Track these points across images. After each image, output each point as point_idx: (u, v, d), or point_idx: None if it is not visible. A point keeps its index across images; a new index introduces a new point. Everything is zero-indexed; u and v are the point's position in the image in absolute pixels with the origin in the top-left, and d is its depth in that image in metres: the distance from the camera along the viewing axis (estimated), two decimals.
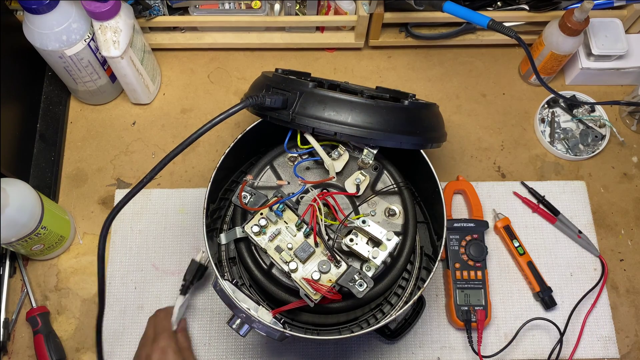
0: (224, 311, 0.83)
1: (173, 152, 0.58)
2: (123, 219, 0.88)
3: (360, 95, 0.68)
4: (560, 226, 0.88)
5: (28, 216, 0.74)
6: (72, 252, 0.86)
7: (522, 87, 0.99)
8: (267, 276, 0.70)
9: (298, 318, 0.75)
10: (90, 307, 0.83)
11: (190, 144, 0.59)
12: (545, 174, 0.93)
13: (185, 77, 0.99)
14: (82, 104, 0.96)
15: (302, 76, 0.81)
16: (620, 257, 0.88)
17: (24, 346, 0.81)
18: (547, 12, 0.92)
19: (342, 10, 0.94)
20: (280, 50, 1.01)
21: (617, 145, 0.95)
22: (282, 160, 0.73)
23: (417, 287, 0.76)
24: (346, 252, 0.67)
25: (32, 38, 0.80)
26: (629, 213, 0.90)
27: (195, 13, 0.93)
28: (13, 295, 0.84)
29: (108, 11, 0.78)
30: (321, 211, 0.65)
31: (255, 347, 0.81)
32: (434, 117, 0.74)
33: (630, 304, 0.85)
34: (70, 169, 0.91)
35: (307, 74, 0.83)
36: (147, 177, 0.58)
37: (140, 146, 0.93)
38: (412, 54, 1.01)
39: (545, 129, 0.95)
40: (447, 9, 0.80)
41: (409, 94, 0.78)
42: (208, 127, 0.60)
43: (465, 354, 0.82)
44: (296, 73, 0.80)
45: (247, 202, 0.68)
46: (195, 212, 0.89)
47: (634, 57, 0.95)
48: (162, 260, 0.86)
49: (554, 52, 0.90)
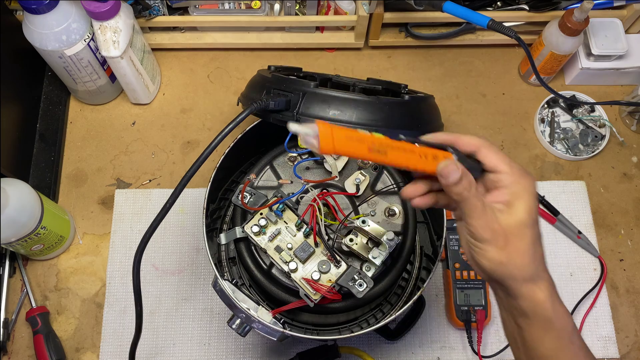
0: (224, 311, 0.83)
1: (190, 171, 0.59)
2: (123, 219, 0.88)
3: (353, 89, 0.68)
4: (560, 226, 0.88)
5: (28, 216, 0.74)
6: (72, 252, 0.86)
7: (522, 87, 0.99)
8: (267, 276, 0.70)
9: (298, 318, 0.75)
10: (90, 307, 0.83)
11: (206, 157, 0.60)
12: (545, 174, 0.93)
13: (185, 77, 0.99)
14: (82, 104, 0.96)
15: (294, 71, 0.81)
16: (620, 257, 0.88)
17: (24, 346, 0.81)
18: (547, 12, 0.92)
19: (342, 10, 0.94)
20: (280, 50, 1.01)
21: (617, 145, 0.95)
22: (282, 160, 0.73)
23: (417, 287, 0.76)
24: (346, 252, 0.67)
25: (32, 38, 0.79)
26: (628, 213, 0.90)
27: (195, 13, 0.93)
28: (13, 295, 0.83)
29: (108, 11, 0.78)
30: (321, 211, 0.65)
31: (255, 347, 0.81)
32: (432, 110, 0.75)
33: (630, 304, 0.85)
34: (70, 169, 0.91)
35: (299, 69, 0.83)
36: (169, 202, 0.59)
37: (140, 146, 0.93)
38: (412, 54, 1.01)
39: (545, 129, 0.95)
40: (447, 9, 0.80)
41: (401, 84, 0.79)
42: (220, 139, 0.61)
43: (465, 354, 0.82)
44: (288, 69, 0.81)
45: (247, 202, 0.68)
46: (195, 212, 0.88)
47: (634, 57, 0.95)
48: (162, 260, 0.86)
49: (554, 52, 0.90)
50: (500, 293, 0.50)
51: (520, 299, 0.48)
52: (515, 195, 0.47)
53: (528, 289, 0.48)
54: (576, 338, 0.49)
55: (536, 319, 0.48)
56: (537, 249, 0.48)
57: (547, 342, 0.49)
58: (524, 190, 0.48)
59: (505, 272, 0.47)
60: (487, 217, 0.47)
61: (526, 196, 0.48)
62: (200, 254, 0.86)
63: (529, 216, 0.47)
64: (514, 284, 0.48)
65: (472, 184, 0.47)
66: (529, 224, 0.47)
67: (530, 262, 0.47)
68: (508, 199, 0.48)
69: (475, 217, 0.47)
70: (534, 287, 0.48)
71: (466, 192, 0.46)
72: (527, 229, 0.47)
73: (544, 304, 0.48)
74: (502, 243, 0.47)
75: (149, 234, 0.59)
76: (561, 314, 0.48)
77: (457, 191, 0.46)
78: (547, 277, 0.49)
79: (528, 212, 0.47)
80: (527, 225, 0.47)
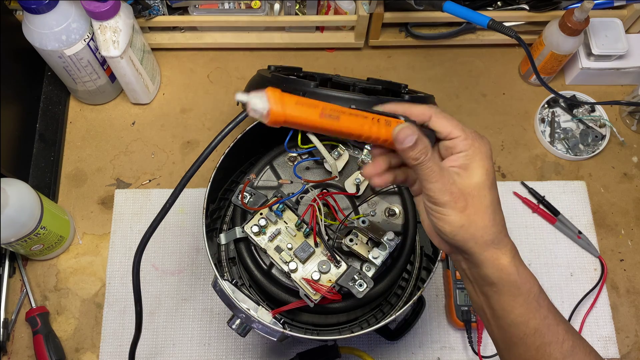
0: (224, 311, 0.83)
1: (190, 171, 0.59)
2: (123, 219, 0.88)
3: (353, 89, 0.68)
4: (560, 226, 0.88)
5: (27, 216, 0.73)
6: (72, 252, 0.86)
7: (522, 87, 0.99)
8: (267, 276, 0.70)
9: (298, 318, 0.75)
10: (90, 307, 0.83)
11: (206, 157, 0.59)
12: (545, 174, 0.93)
13: (185, 77, 0.99)
14: (81, 104, 0.96)
15: (294, 71, 0.81)
16: (621, 257, 0.88)
17: (24, 346, 0.81)
18: (547, 12, 0.92)
19: (342, 10, 0.93)
20: (280, 50, 1.01)
21: (617, 145, 0.95)
22: (282, 160, 0.73)
23: (417, 288, 0.76)
24: (346, 252, 0.66)
25: (32, 38, 0.79)
26: (629, 213, 0.90)
27: (195, 13, 0.93)
28: (12, 296, 0.83)
29: (107, 11, 0.78)
30: (321, 211, 0.65)
31: (255, 347, 0.81)
32: None
33: (630, 304, 0.85)
34: (70, 169, 0.91)
35: (299, 69, 0.83)
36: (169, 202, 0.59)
37: (139, 146, 0.93)
38: (412, 54, 1.01)
39: (545, 129, 0.95)
40: (447, 8, 0.80)
41: (401, 84, 0.79)
42: (220, 139, 0.61)
43: (465, 354, 0.82)
44: (288, 69, 0.81)
45: (247, 202, 0.68)
46: (194, 212, 0.88)
47: (634, 57, 0.95)
48: (161, 260, 0.86)
49: (554, 52, 0.90)
50: (464, 264, 0.50)
51: (484, 265, 0.48)
52: (471, 158, 0.47)
53: (491, 254, 0.47)
54: (543, 300, 0.49)
55: (502, 286, 0.48)
56: (497, 212, 0.48)
57: (516, 308, 0.48)
58: (480, 152, 0.48)
59: (466, 235, 0.47)
60: (445, 180, 0.46)
61: (482, 158, 0.48)
62: (200, 254, 0.86)
63: (487, 177, 0.47)
64: (477, 249, 0.47)
65: (428, 147, 0.46)
66: (487, 185, 0.47)
67: (491, 224, 0.47)
68: (464, 162, 0.47)
69: (433, 180, 0.46)
70: (497, 251, 0.47)
71: (423, 155, 0.45)
72: (485, 190, 0.47)
73: (508, 268, 0.47)
74: (462, 205, 0.46)
75: (149, 234, 0.59)
76: (526, 278, 0.48)
77: (414, 155, 0.45)
78: (508, 242, 0.48)
79: (486, 174, 0.47)
80: (485, 187, 0.47)
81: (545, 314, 0.49)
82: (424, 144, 0.46)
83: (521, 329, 0.49)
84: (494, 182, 0.48)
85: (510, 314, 0.49)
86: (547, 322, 0.49)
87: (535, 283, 0.49)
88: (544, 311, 0.49)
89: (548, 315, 0.49)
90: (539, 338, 0.49)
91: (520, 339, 0.49)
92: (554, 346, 0.49)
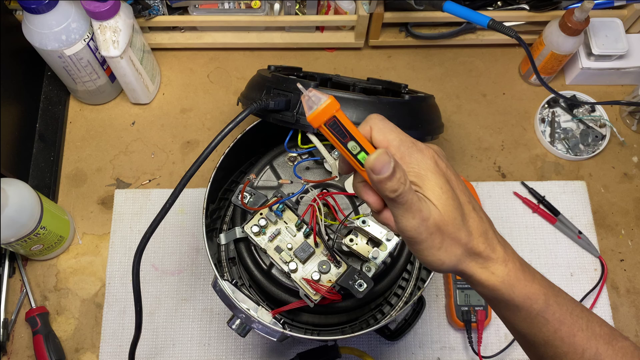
0: (224, 311, 0.83)
1: (190, 171, 0.59)
2: (122, 219, 0.88)
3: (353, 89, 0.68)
4: (561, 226, 0.88)
5: (27, 216, 0.73)
6: (72, 252, 0.86)
7: (522, 87, 0.99)
8: (267, 276, 0.70)
9: (298, 318, 0.75)
10: (90, 307, 0.83)
11: (206, 157, 0.60)
12: (545, 174, 0.92)
13: (185, 77, 0.99)
14: (81, 104, 0.96)
15: (294, 71, 0.81)
16: (621, 257, 0.88)
17: (23, 346, 0.81)
18: (547, 11, 0.92)
19: (342, 10, 0.93)
20: (280, 50, 1.00)
21: (618, 145, 0.95)
22: (282, 160, 0.73)
23: (417, 287, 0.76)
24: (346, 252, 0.66)
25: (32, 38, 0.79)
26: (629, 213, 0.90)
27: (195, 13, 0.93)
28: (12, 296, 0.83)
29: (107, 11, 0.78)
30: (321, 211, 0.65)
31: (255, 347, 0.81)
32: (432, 109, 0.75)
33: (630, 304, 0.85)
34: (70, 169, 0.91)
35: (299, 69, 0.83)
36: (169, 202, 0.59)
37: (139, 146, 0.93)
38: (412, 54, 1.01)
39: (545, 129, 0.95)
40: (447, 8, 0.80)
41: (401, 84, 0.79)
42: (220, 139, 0.61)
43: (465, 355, 0.81)
44: (288, 68, 0.81)
45: (247, 202, 0.68)
46: (194, 212, 0.88)
47: (634, 56, 0.95)
48: (161, 260, 0.86)
49: (554, 51, 0.90)
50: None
51: (478, 285, 0.44)
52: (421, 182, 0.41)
53: (479, 274, 0.43)
54: (552, 313, 0.45)
55: (498, 302, 0.45)
56: (477, 227, 0.43)
57: (518, 323, 0.45)
58: (425, 170, 0.41)
59: (450, 266, 0.43)
60: (424, 214, 0.40)
61: (431, 177, 0.41)
62: (200, 254, 0.86)
63: (448, 195, 0.41)
64: (465, 274, 0.44)
65: (405, 174, 0.39)
66: (453, 205, 0.41)
67: (475, 248, 0.42)
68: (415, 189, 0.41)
69: (410, 216, 0.40)
70: (485, 271, 0.43)
71: (402, 185, 0.39)
72: (455, 213, 0.41)
73: (500, 289, 0.43)
74: (439, 241, 0.41)
75: (149, 234, 0.59)
76: (525, 295, 0.44)
77: (393, 187, 0.39)
78: (498, 257, 0.43)
79: (444, 193, 0.41)
80: (453, 208, 0.41)
81: (556, 327, 0.45)
82: (402, 170, 0.39)
83: (529, 339, 0.47)
84: (456, 196, 0.42)
85: (515, 326, 0.47)
86: (560, 335, 0.45)
87: (539, 298, 0.44)
88: (554, 324, 0.45)
89: (560, 329, 0.45)
90: (550, 349, 0.46)
91: (532, 345, 0.47)
92: (570, 356, 0.45)
